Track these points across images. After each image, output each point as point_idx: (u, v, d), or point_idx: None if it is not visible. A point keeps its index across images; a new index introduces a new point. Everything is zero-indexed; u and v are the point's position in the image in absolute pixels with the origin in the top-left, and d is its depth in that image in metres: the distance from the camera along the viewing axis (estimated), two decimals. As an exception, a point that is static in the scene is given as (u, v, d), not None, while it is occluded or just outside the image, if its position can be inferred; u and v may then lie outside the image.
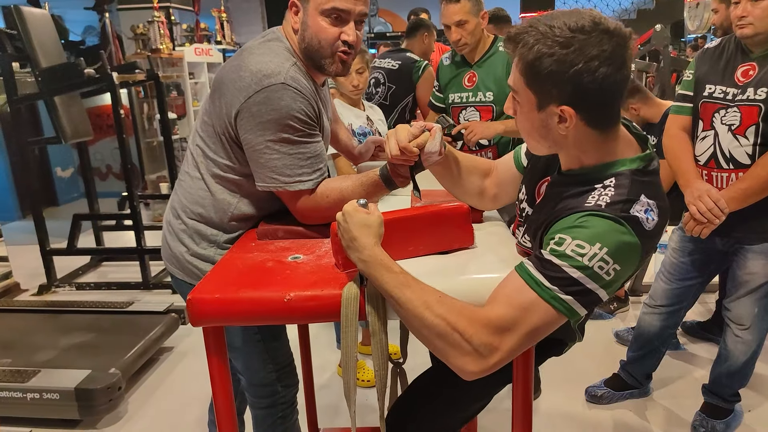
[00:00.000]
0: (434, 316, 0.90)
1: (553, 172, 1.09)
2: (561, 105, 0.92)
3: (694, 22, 4.76)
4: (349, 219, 0.99)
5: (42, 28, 3.77)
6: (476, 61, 2.38)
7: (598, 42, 0.88)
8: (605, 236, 0.87)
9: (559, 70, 0.89)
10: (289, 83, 1.24)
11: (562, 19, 0.89)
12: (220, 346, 1.09)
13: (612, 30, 0.89)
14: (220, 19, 7.19)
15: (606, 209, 0.89)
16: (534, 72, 0.91)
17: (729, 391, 2.12)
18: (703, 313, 3.11)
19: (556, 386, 2.45)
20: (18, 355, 2.57)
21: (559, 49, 0.88)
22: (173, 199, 1.46)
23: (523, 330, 0.89)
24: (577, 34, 0.88)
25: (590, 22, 0.89)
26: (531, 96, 0.95)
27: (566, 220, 0.92)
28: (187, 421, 2.36)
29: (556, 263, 0.88)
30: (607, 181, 0.95)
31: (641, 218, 0.90)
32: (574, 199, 0.95)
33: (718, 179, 1.85)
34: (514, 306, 0.90)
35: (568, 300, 0.88)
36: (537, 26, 0.91)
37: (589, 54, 0.87)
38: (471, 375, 0.91)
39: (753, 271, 1.89)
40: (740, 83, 1.79)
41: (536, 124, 0.98)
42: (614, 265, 0.87)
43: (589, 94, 0.90)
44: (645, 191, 0.93)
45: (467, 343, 0.89)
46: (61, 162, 6.45)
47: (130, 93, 5.45)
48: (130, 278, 3.95)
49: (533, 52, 0.90)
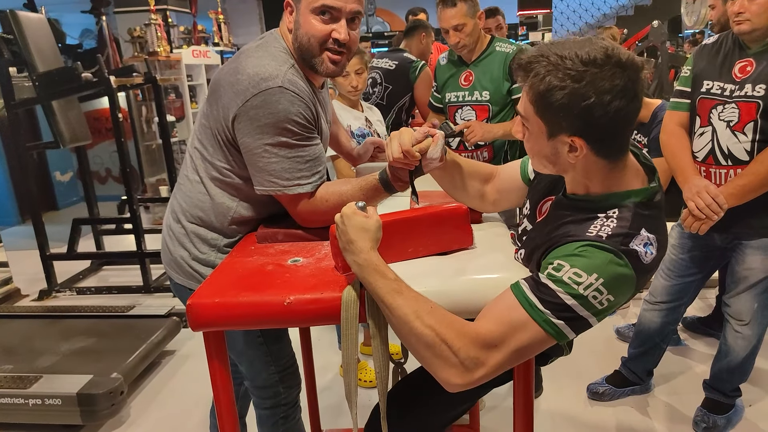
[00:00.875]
0: (423, 326, 0.91)
1: (558, 191, 1.09)
2: (572, 136, 0.92)
3: (691, 18, 4.75)
4: (347, 221, 1.00)
5: (39, 32, 3.77)
6: (473, 60, 2.39)
7: (611, 75, 0.87)
8: (602, 268, 0.88)
9: (571, 103, 0.88)
10: (286, 86, 1.23)
11: (573, 50, 0.88)
12: (220, 350, 1.09)
13: (624, 62, 0.88)
14: (217, 20, 7.18)
15: (606, 241, 0.90)
16: (545, 103, 0.91)
17: (730, 387, 2.12)
18: (703, 308, 3.11)
19: (557, 384, 2.45)
20: (19, 361, 2.57)
21: (571, 82, 0.87)
22: (173, 203, 1.46)
23: (510, 348, 0.90)
24: (589, 68, 0.87)
25: (603, 55, 0.88)
26: (541, 124, 0.95)
27: (566, 248, 0.93)
28: (190, 424, 2.36)
29: (551, 288, 0.89)
30: (611, 212, 0.95)
31: (640, 252, 0.91)
32: (575, 225, 0.96)
33: (716, 176, 1.85)
34: (504, 324, 0.91)
35: (559, 324, 0.90)
36: (548, 56, 0.90)
37: (602, 88, 0.87)
38: (455, 387, 0.92)
39: (752, 266, 1.90)
40: (738, 79, 1.79)
41: (545, 151, 0.98)
42: (608, 295, 0.89)
43: (601, 126, 0.90)
44: (646, 225, 0.94)
45: (454, 356, 0.90)
46: (60, 166, 6.44)
47: (128, 96, 5.45)
48: (130, 282, 3.95)
49: (544, 83, 0.89)
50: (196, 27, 6.75)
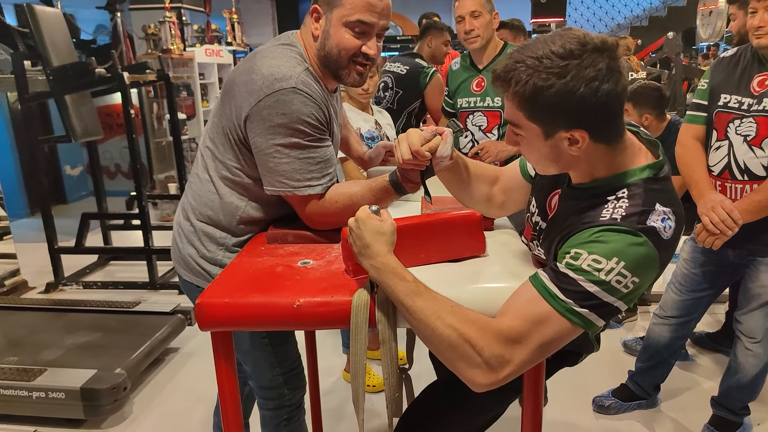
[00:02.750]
0: (445, 327, 0.89)
1: (563, 184, 1.08)
2: (570, 130, 0.91)
3: (706, 30, 4.73)
4: (362, 226, 0.99)
5: (54, 26, 3.79)
6: (485, 66, 2.37)
7: (592, 62, 0.86)
8: (623, 251, 0.86)
9: (563, 100, 0.87)
10: (300, 88, 1.23)
11: (547, 48, 0.88)
12: (228, 350, 1.08)
13: (600, 46, 0.87)
14: (231, 20, 7.21)
15: (622, 222, 0.88)
16: (535, 105, 0.90)
17: (738, 404, 2.09)
18: (712, 324, 3.08)
19: (563, 395, 2.43)
20: (24, 354, 2.57)
21: (556, 79, 0.86)
22: (183, 201, 1.46)
23: (535, 342, 0.88)
24: (569, 60, 0.86)
25: (577, 45, 0.87)
26: (535, 127, 0.93)
27: (581, 235, 0.91)
28: (193, 422, 2.35)
29: (572, 277, 0.87)
30: (620, 193, 0.94)
31: (659, 228, 0.88)
32: (587, 212, 0.94)
33: (731, 190, 1.83)
34: (526, 318, 0.89)
35: (584, 312, 0.87)
36: (524, 60, 0.89)
37: (588, 76, 0.86)
38: (481, 387, 0.90)
39: (765, 283, 1.87)
40: (756, 93, 1.77)
41: (545, 152, 0.96)
42: (633, 278, 0.87)
43: (596, 113, 0.89)
44: (659, 199, 0.92)
45: (478, 355, 0.88)
46: (71, 160, 6.48)
47: (141, 93, 5.47)
48: (137, 278, 3.95)
49: (529, 87, 0.88)
50: (210, 26, 6.79)
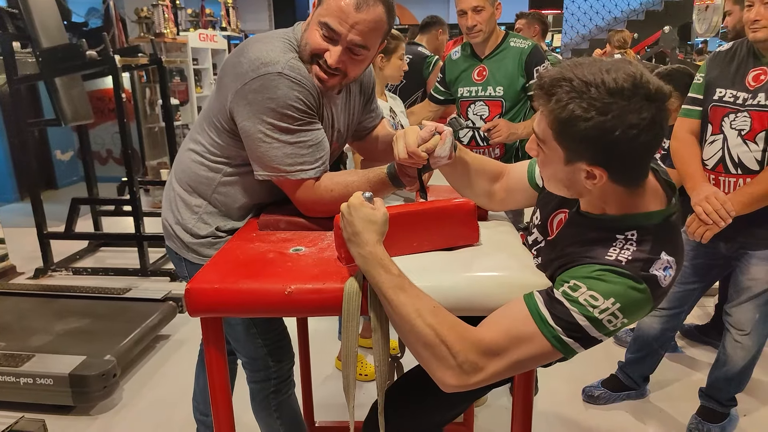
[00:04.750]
0: (424, 325, 0.89)
1: (571, 207, 1.06)
2: (591, 165, 0.88)
3: (702, 25, 4.71)
4: (354, 212, 0.98)
5: (44, 7, 3.73)
6: (486, 55, 2.36)
7: (638, 108, 0.82)
8: (621, 294, 0.87)
9: (595, 136, 0.84)
10: (286, 72, 1.22)
11: (599, 76, 0.83)
12: (218, 336, 1.08)
13: (653, 94, 0.83)
14: (225, 5, 7.14)
15: (626, 266, 0.88)
16: (566, 131, 0.86)
17: (726, 396, 2.11)
18: (701, 316, 3.10)
19: (553, 385, 2.44)
20: (12, 339, 2.55)
21: (596, 114, 0.82)
22: (172, 170, 1.51)
23: (512, 358, 0.89)
24: (616, 99, 0.82)
25: (630, 84, 0.82)
26: (559, 150, 0.90)
27: (583, 269, 0.90)
28: (182, 409, 2.34)
29: (566, 306, 0.87)
30: (630, 234, 0.92)
31: (659, 277, 0.89)
32: (592, 246, 0.93)
33: (725, 184, 1.83)
34: (511, 334, 0.89)
35: (569, 342, 0.88)
36: (571, 80, 0.84)
37: (629, 122, 0.82)
38: (450, 388, 0.91)
39: (756, 276, 1.88)
40: (751, 88, 1.77)
41: (561, 175, 0.94)
42: (623, 319, 0.88)
43: (624, 159, 0.87)
44: (666, 248, 0.91)
45: (452, 358, 0.88)
46: (61, 145, 6.41)
47: (133, 77, 5.41)
48: (127, 264, 3.93)
49: (567, 111, 0.84)
50: (204, 10, 6.70)
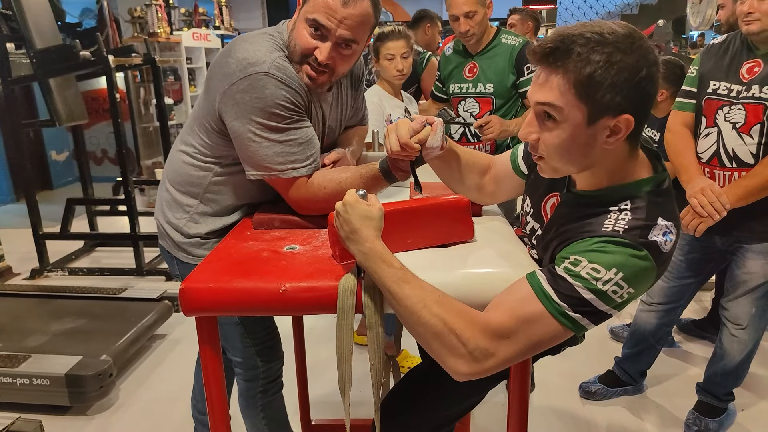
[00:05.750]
0: (431, 315, 0.89)
1: (561, 189, 1.06)
2: (618, 115, 0.86)
3: (696, 19, 4.72)
4: (350, 210, 0.97)
5: (38, 8, 3.72)
6: (478, 52, 2.36)
7: (650, 47, 0.84)
8: (623, 263, 0.86)
9: (625, 79, 0.83)
10: (272, 72, 1.22)
11: (605, 26, 0.84)
12: (213, 335, 1.07)
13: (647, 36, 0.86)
14: (219, 4, 7.11)
15: (624, 235, 0.87)
16: (593, 84, 0.84)
17: (723, 390, 2.11)
18: (698, 311, 3.10)
19: (550, 381, 2.44)
20: (8, 340, 2.54)
21: (622, 56, 0.82)
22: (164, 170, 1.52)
23: (522, 340, 0.88)
24: (635, 40, 0.83)
25: (632, 29, 0.84)
26: (582, 110, 0.87)
27: (582, 243, 0.89)
28: (178, 409, 2.34)
29: (569, 282, 0.86)
30: (623, 205, 0.92)
31: (660, 242, 0.88)
32: (588, 221, 0.93)
33: (720, 177, 1.83)
34: (518, 315, 0.88)
35: (576, 317, 0.87)
36: (583, 34, 0.83)
37: (651, 60, 0.84)
38: (463, 377, 0.90)
39: (752, 270, 1.88)
40: (745, 80, 1.77)
41: (579, 142, 0.90)
42: (628, 289, 0.86)
43: (647, 100, 0.87)
44: (662, 213, 0.91)
45: (462, 346, 0.87)
46: (56, 145, 6.39)
47: (127, 77, 5.39)
48: (123, 264, 3.92)
49: (592, 63, 0.83)
50: (198, 9, 6.68)
